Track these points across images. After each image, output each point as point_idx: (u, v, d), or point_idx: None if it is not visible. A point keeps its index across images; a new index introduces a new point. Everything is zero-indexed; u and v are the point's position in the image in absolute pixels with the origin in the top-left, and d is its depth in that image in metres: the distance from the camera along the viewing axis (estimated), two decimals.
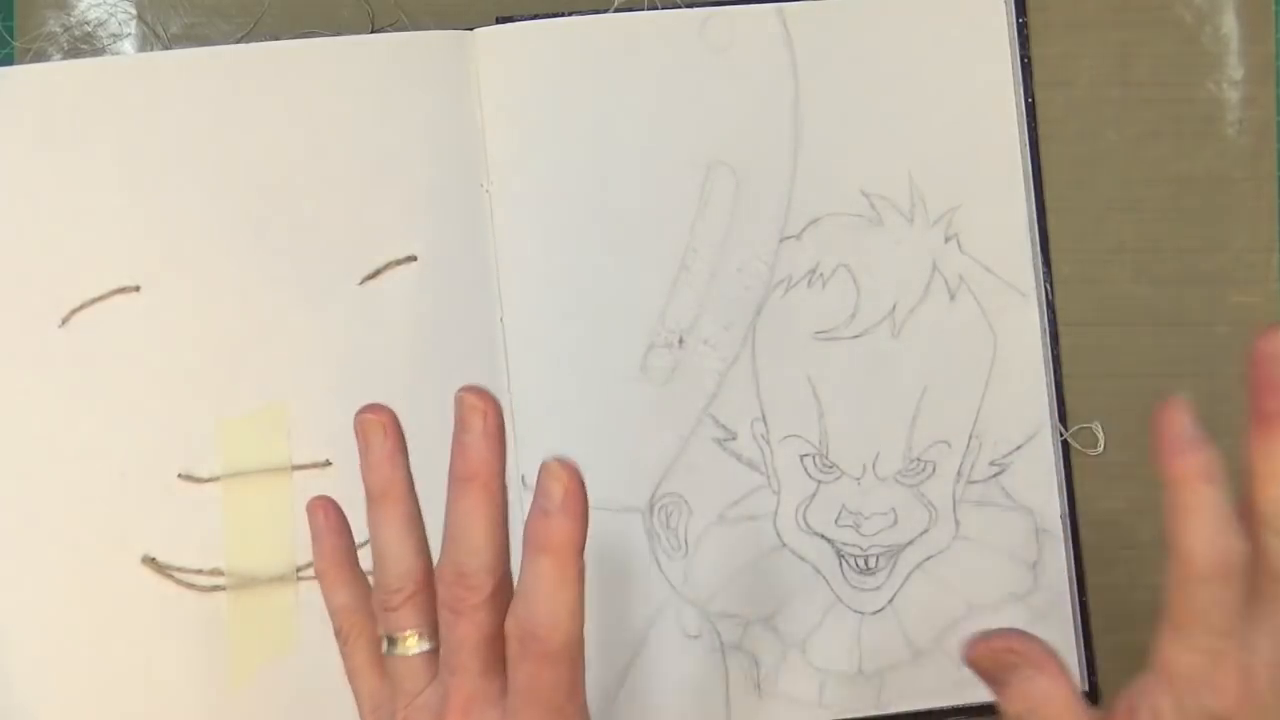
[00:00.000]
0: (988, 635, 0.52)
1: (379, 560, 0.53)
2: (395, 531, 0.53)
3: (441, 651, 0.52)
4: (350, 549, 0.56)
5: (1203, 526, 0.48)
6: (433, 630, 0.52)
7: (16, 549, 0.64)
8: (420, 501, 0.53)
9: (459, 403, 0.51)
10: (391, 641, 0.53)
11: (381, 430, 0.53)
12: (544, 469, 0.49)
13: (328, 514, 0.56)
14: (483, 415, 0.51)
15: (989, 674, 0.52)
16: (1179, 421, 0.49)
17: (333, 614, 0.55)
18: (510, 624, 0.50)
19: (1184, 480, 0.49)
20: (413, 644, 0.53)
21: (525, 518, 0.63)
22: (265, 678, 0.64)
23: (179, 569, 0.64)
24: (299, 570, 0.65)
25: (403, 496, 0.53)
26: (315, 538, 0.56)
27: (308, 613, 0.64)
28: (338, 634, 0.55)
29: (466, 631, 0.51)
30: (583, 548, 0.50)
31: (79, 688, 0.64)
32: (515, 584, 0.51)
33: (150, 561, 0.64)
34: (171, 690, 0.64)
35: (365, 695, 0.55)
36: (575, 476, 0.49)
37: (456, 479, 0.51)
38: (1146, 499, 0.68)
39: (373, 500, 0.53)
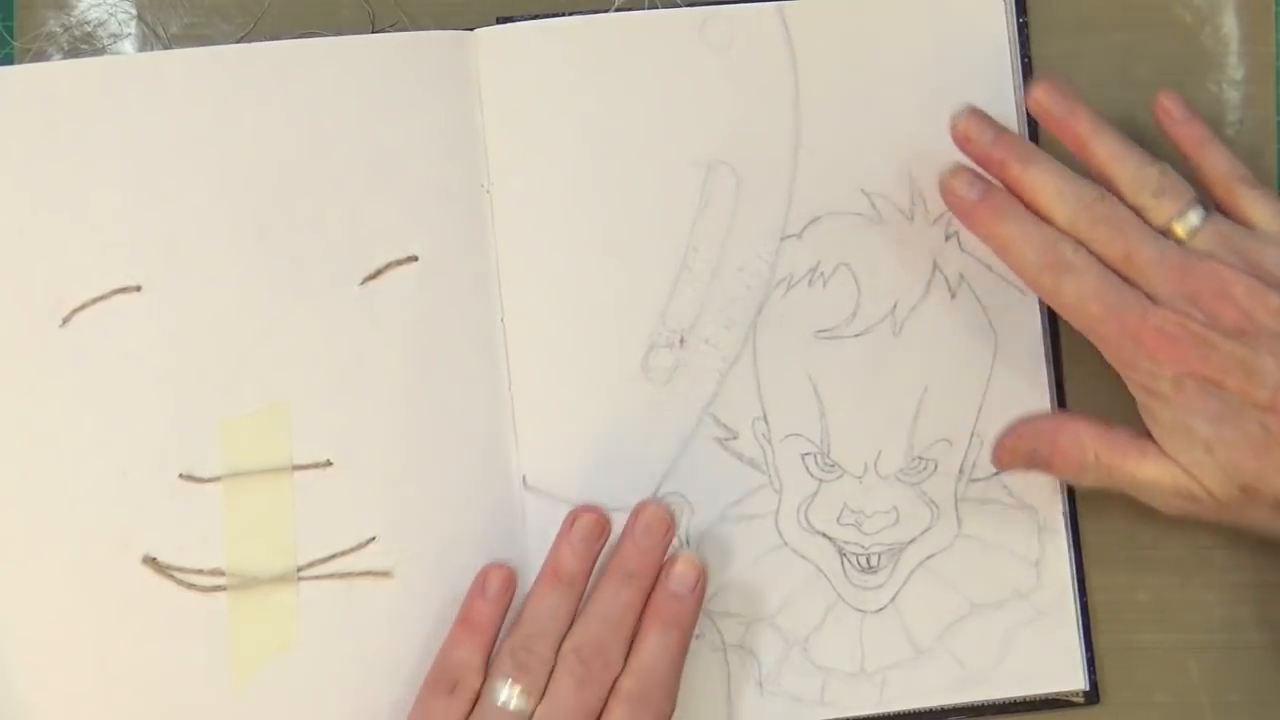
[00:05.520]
0: (1000, 443, 0.64)
1: (535, 620, 0.62)
2: (564, 609, 0.62)
3: (547, 713, 0.60)
4: (502, 619, 0.63)
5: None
6: (539, 696, 0.60)
7: (17, 549, 0.64)
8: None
9: (647, 512, 0.63)
10: (504, 692, 0.60)
11: (597, 530, 0.63)
12: (682, 558, 0.63)
13: (504, 585, 0.63)
14: (668, 529, 0.63)
15: (1030, 468, 0.64)
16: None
17: (446, 665, 0.62)
18: (629, 682, 0.60)
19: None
20: (520, 702, 0.60)
21: (524, 519, 0.65)
22: (266, 678, 0.64)
23: (180, 569, 0.64)
24: (300, 570, 0.64)
25: (584, 585, 0.63)
26: (483, 596, 0.63)
27: (308, 613, 0.64)
28: (438, 684, 0.62)
29: (586, 698, 0.60)
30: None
31: (79, 688, 0.64)
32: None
33: (151, 561, 0.64)
34: (171, 690, 0.64)
35: None
36: (704, 570, 0.63)
37: (624, 572, 0.62)
38: None
39: (558, 577, 0.62)
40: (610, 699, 0.60)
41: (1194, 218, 0.61)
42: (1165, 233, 0.61)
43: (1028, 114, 0.68)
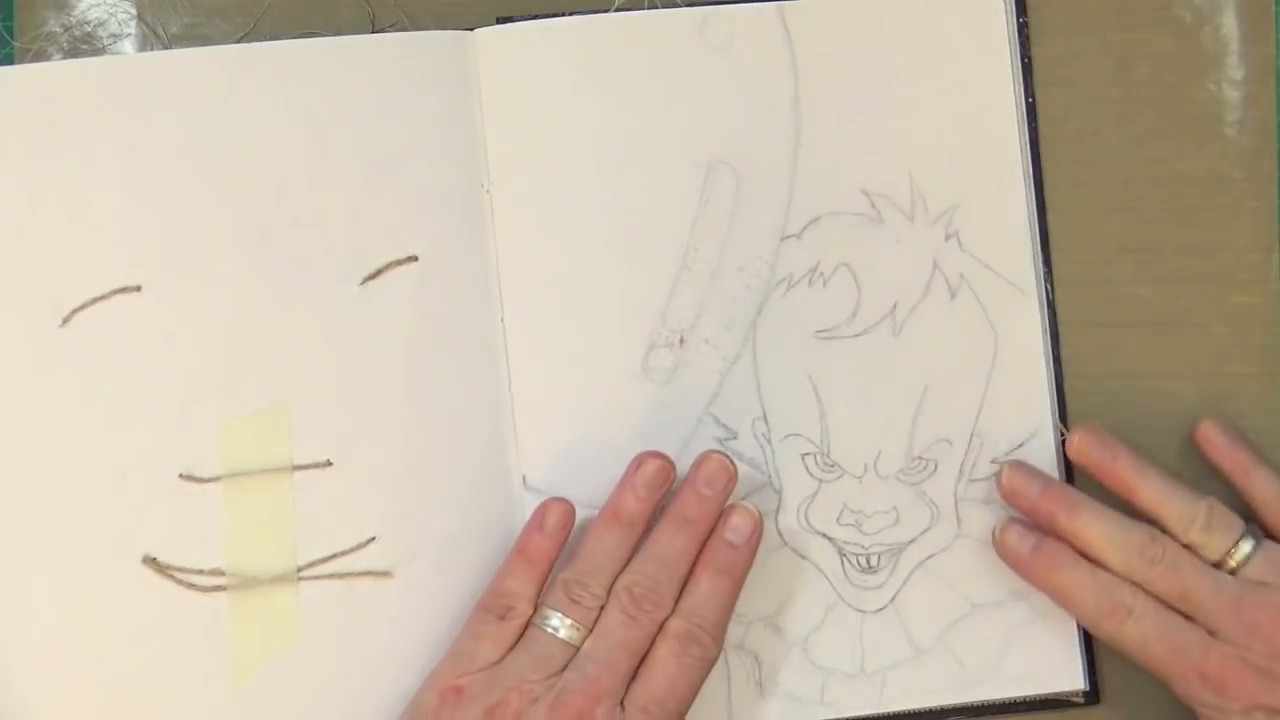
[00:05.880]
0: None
1: (591, 557, 0.62)
2: (621, 549, 0.63)
3: (595, 646, 0.61)
4: (557, 553, 0.63)
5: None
6: (588, 630, 0.61)
7: (17, 549, 0.64)
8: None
9: (711, 461, 0.64)
10: (554, 621, 0.61)
11: (662, 477, 0.63)
12: (739, 508, 0.63)
13: (562, 521, 0.64)
14: (729, 480, 0.64)
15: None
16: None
17: (500, 592, 0.63)
18: (678, 623, 0.61)
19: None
20: (570, 633, 0.61)
21: (525, 519, 0.65)
22: (266, 678, 0.64)
23: (180, 569, 0.64)
24: (300, 570, 0.64)
25: (643, 527, 0.63)
26: (541, 530, 0.63)
27: (308, 613, 0.64)
28: (490, 609, 0.62)
29: (634, 636, 0.61)
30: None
31: (79, 688, 0.64)
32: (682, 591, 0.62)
33: (151, 561, 0.64)
34: (171, 690, 0.64)
35: (468, 656, 0.62)
36: (760, 522, 0.63)
37: (683, 518, 0.63)
38: None
39: (618, 518, 0.63)
40: (658, 638, 0.61)
41: (1246, 548, 0.63)
42: (1219, 565, 0.63)
43: (1026, 112, 0.68)
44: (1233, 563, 0.63)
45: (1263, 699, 0.60)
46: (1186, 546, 0.63)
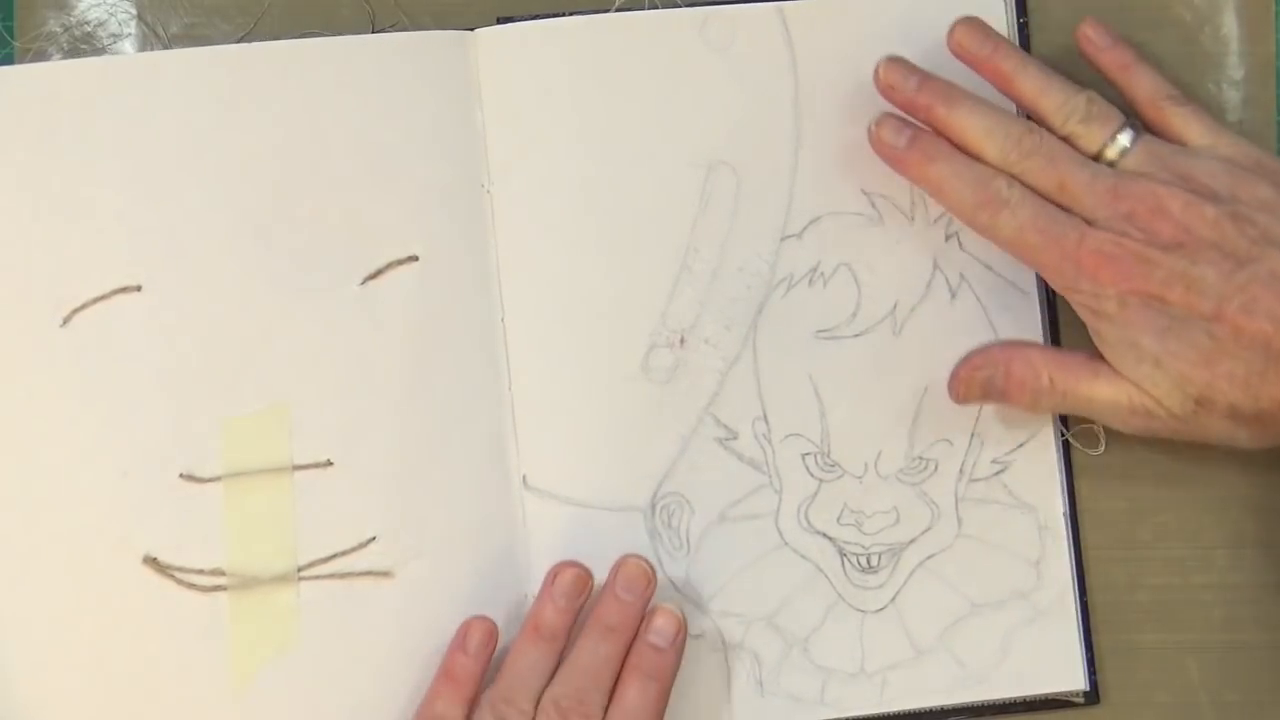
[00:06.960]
0: (955, 374, 0.65)
1: (515, 673, 0.62)
2: (545, 662, 0.62)
3: None
4: (483, 673, 0.63)
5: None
6: None
7: (17, 549, 0.64)
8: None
9: (628, 566, 0.64)
10: None
11: (579, 585, 0.63)
12: (662, 610, 0.63)
13: (485, 640, 0.63)
14: (648, 583, 0.63)
15: (987, 399, 0.65)
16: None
17: (429, 716, 0.62)
18: None
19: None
20: None
21: (524, 519, 0.65)
22: (266, 678, 0.64)
23: (180, 569, 0.64)
24: (300, 570, 0.64)
25: (565, 638, 0.63)
26: (465, 651, 0.63)
27: (309, 613, 0.64)
28: None
29: None
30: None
31: (79, 688, 0.64)
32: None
33: (151, 561, 0.64)
34: (171, 690, 0.64)
35: None
36: (683, 622, 0.63)
37: (605, 626, 0.63)
38: (1147, 499, 0.68)
39: (539, 631, 0.63)
40: None
41: (1124, 140, 0.62)
42: (1097, 158, 0.63)
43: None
44: (1111, 154, 0.62)
45: (1137, 284, 0.60)
46: (1065, 139, 0.63)
